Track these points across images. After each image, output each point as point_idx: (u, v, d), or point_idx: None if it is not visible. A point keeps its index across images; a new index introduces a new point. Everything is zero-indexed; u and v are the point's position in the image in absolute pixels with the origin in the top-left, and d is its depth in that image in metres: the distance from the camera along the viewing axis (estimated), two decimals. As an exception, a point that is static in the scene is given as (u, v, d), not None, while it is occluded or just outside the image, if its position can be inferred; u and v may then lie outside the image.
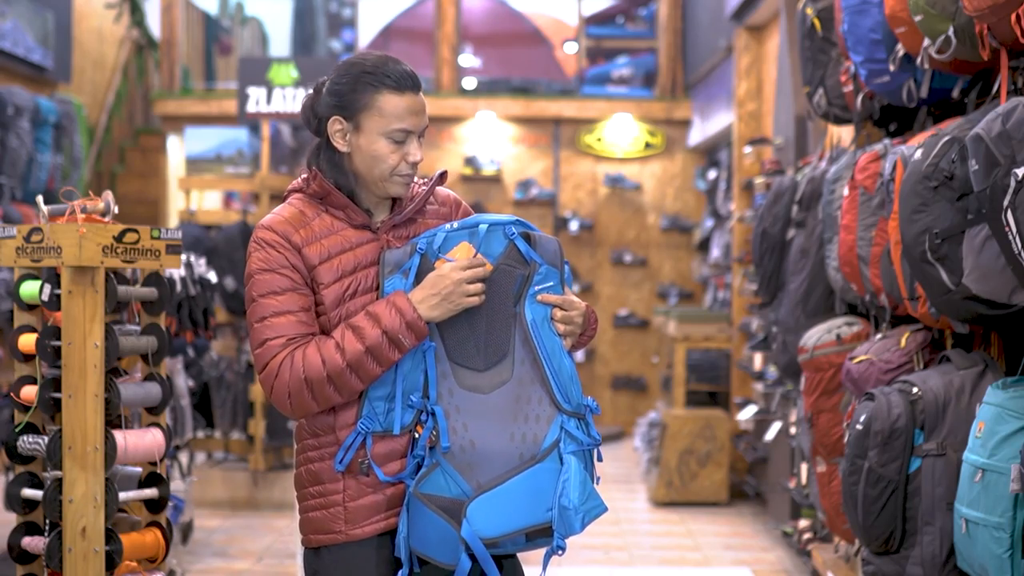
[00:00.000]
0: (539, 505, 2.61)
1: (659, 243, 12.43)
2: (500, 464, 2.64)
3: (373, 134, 2.71)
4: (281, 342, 2.67)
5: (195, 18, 13.67)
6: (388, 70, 2.71)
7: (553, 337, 2.68)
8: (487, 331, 2.69)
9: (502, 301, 2.69)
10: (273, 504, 8.06)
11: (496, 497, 2.61)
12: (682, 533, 7.61)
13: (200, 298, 5.63)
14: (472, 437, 2.65)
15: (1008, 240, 2.73)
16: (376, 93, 2.70)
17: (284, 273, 2.70)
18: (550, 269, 2.72)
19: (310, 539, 2.77)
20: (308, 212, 2.76)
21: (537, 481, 2.62)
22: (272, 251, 2.71)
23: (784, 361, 5.82)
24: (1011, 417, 3.01)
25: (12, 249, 3.60)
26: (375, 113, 2.70)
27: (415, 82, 2.74)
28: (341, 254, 2.73)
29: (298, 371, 2.64)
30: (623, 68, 13.69)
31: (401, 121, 2.70)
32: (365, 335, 2.64)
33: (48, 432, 3.58)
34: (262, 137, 8.28)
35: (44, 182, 8.25)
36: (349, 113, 2.72)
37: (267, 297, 2.69)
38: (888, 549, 3.65)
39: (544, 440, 2.64)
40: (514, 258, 2.71)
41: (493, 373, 2.68)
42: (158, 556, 3.71)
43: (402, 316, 2.64)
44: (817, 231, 5.40)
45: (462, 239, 2.73)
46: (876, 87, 4.34)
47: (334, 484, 2.73)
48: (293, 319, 2.68)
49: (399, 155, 2.72)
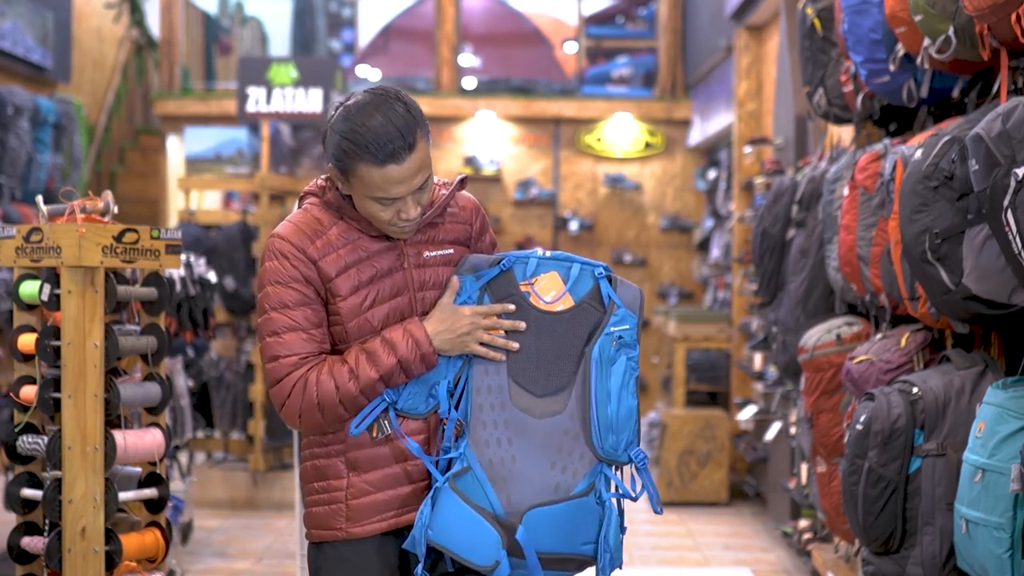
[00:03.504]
0: (576, 537, 2.67)
1: (659, 243, 12.43)
2: (534, 487, 2.66)
3: (361, 196, 2.66)
4: (293, 361, 2.65)
5: (195, 18, 13.67)
6: (368, 141, 2.58)
7: (611, 381, 2.69)
8: (553, 360, 2.70)
9: (576, 336, 2.70)
10: (273, 504, 8.06)
11: (547, 516, 2.65)
12: (682, 533, 7.61)
13: (200, 298, 5.63)
14: (514, 453, 2.67)
15: (1008, 240, 2.73)
16: (357, 162, 2.60)
17: (297, 288, 2.67)
18: (628, 313, 2.72)
19: (312, 534, 2.79)
20: (324, 220, 2.73)
21: (581, 514, 2.67)
22: (286, 263, 2.67)
23: (784, 361, 5.82)
24: (1011, 417, 3.01)
25: (12, 249, 3.60)
26: (358, 180, 2.63)
27: (401, 151, 2.59)
28: (359, 264, 2.70)
29: (311, 395, 2.65)
30: (623, 68, 13.70)
31: (382, 191, 2.62)
32: (380, 363, 2.64)
33: (48, 432, 3.59)
34: (262, 137, 8.27)
35: (44, 182, 8.24)
36: (341, 171, 2.66)
37: (279, 311, 2.66)
38: (888, 549, 3.65)
39: (582, 478, 2.67)
40: (596, 299, 2.72)
41: (548, 401, 2.69)
42: (158, 556, 3.71)
43: (418, 348, 2.66)
44: (817, 231, 5.39)
45: (553, 269, 2.74)
46: (876, 87, 4.34)
47: (338, 481, 2.73)
48: (305, 336, 2.67)
49: (392, 212, 2.66)
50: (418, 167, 2.63)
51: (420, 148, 2.63)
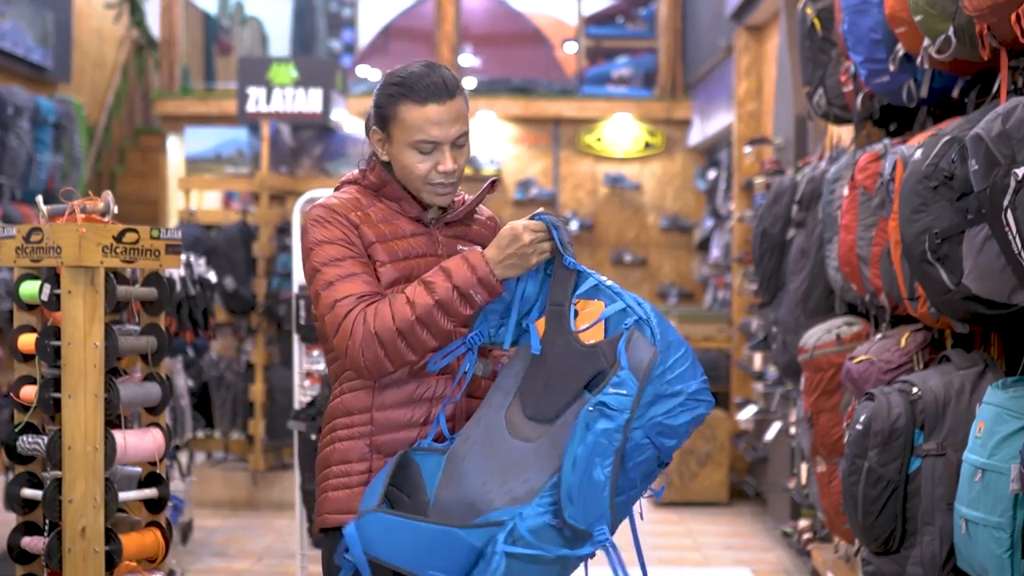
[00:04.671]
0: (426, 561, 2.51)
1: (659, 243, 12.43)
2: (462, 499, 2.56)
3: (401, 145, 2.72)
4: (351, 300, 2.65)
5: (195, 18, 13.67)
6: (414, 80, 2.69)
7: (579, 448, 2.47)
8: (554, 388, 2.59)
9: (579, 377, 2.57)
10: (273, 504, 8.06)
11: (401, 526, 2.53)
12: (682, 533, 7.61)
13: (200, 298, 5.63)
14: (470, 453, 2.61)
15: (1008, 240, 2.73)
16: (399, 104, 2.70)
17: (343, 244, 2.70)
18: (630, 377, 2.51)
19: (327, 519, 2.74)
20: (363, 200, 2.78)
21: (446, 542, 2.50)
22: (331, 226, 2.71)
23: (784, 361, 5.82)
24: (1011, 417, 3.01)
25: (12, 249, 3.60)
26: (399, 124, 2.71)
27: (442, 92, 2.69)
28: (395, 240, 2.74)
29: (369, 327, 2.62)
30: (623, 68, 13.69)
31: (422, 132, 2.69)
32: (436, 289, 2.63)
33: (48, 432, 3.58)
34: (262, 137, 8.27)
35: (44, 182, 8.24)
36: (383, 124, 2.74)
37: (330, 265, 2.69)
38: (888, 549, 3.65)
39: (494, 514, 2.52)
40: (613, 347, 2.56)
41: (530, 425, 2.60)
42: (158, 556, 3.71)
43: (474, 272, 2.64)
44: (817, 231, 5.39)
45: (601, 299, 2.63)
46: (876, 87, 4.34)
47: (360, 464, 2.71)
48: (360, 280, 2.68)
49: (429, 164, 2.72)
50: (457, 115, 2.71)
51: (460, 101, 2.72)
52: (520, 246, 2.64)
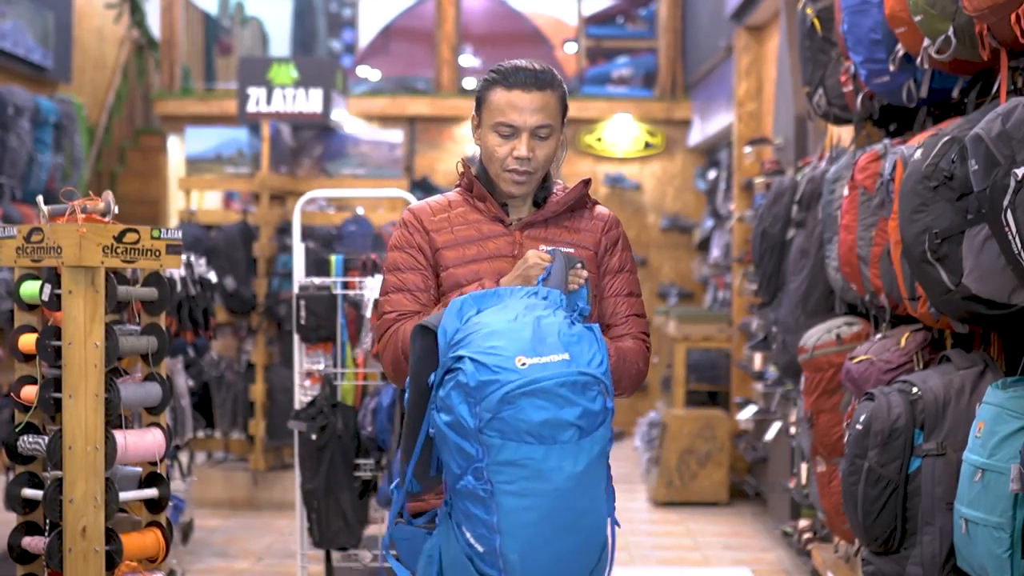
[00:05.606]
0: None
1: (659, 243, 12.43)
2: None
3: (486, 127, 2.86)
4: (394, 316, 2.84)
5: (195, 18, 13.66)
6: (508, 69, 2.83)
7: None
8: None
9: None
10: (273, 504, 8.06)
11: None
12: (682, 533, 7.61)
13: (200, 298, 5.63)
14: None
15: (1008, 240, 2.73)
16: (490, 89, 2.84)
17: (410, 253, 2.87)
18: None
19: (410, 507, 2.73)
20: (454, 202, 2.93)
21: None
22: (405, 231, 2.89)
23: (784, 361, 5.82)
24: (1011, 417, 3.01)
25: (12, 249, 3.60)
26: (487, 108, 2.84)
27: (530, 82, 2.81)
28: (468, 243, 2.85)
29: (395, 343, 2.79)
30: (623, 68, 13.68)
31: (503, 115, 2.81)
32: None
33: (48, 432, 3.59)
34: (262, 137, 8.27)
35: (44, 182, 8.24)
36: (477, 109, 2.89)
37: (392, 273, 2.88)
38: (888, 549, 3.65)
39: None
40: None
41: None
42: (158, 556, 3.71)
43: None
44: (817, 231, 5.39)
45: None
46: (876, 87, 4.34)
47: None
48: (409, 296, 2.83)
49: (507, 149, 2.83)
50: (541, 106, 2.82)
51: (550, 95, 2.83)
52: (525, 267, 2.74)
